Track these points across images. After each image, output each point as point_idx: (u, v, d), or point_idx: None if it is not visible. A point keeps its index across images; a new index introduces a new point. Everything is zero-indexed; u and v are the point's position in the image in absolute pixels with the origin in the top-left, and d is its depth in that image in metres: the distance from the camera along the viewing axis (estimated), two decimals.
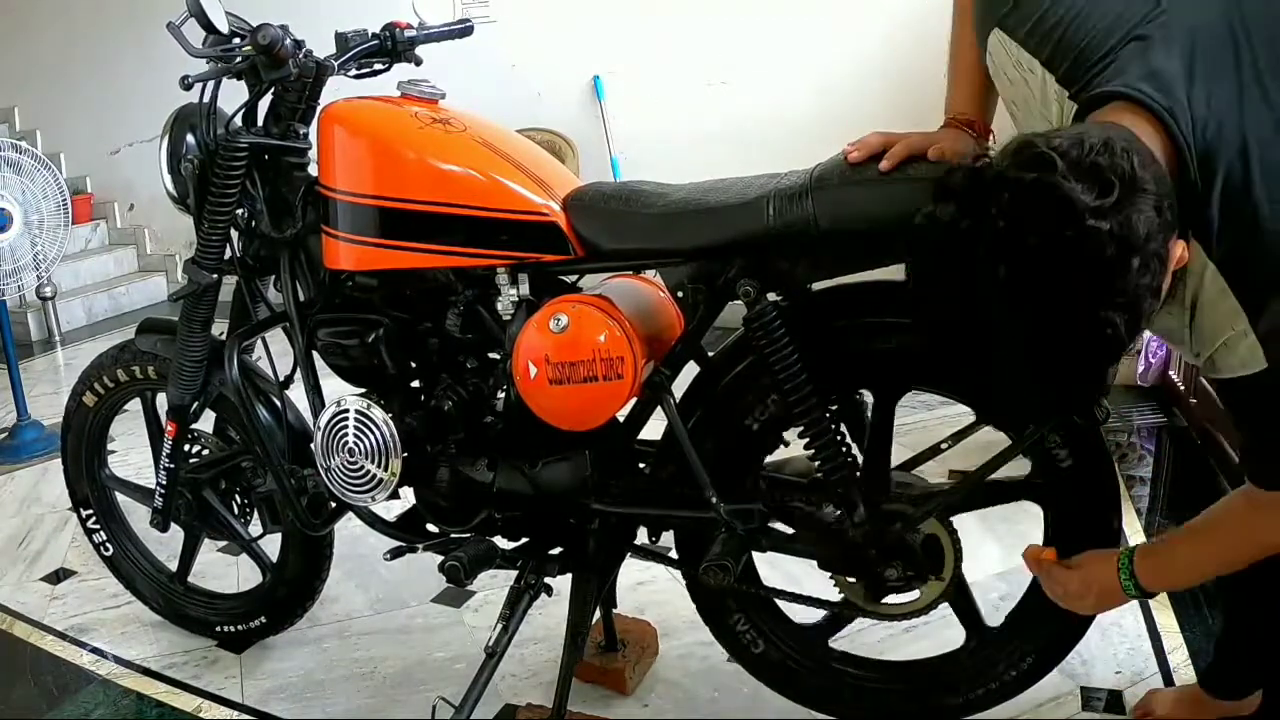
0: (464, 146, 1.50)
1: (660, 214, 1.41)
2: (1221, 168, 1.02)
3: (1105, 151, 0.93)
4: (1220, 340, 1.08)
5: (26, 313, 4.46)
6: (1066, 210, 0.91)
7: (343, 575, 2.20)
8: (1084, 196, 0.91)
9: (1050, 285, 0.93)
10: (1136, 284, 0.92)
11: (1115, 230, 0.91)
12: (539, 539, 1.63)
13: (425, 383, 1.61)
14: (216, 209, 1.63)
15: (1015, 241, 0.93)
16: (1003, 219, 0.93)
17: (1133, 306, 0.93)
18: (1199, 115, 1.02)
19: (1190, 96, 1.03)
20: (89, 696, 1.92)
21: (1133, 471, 2.62)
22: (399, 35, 1.67)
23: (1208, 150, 1.02)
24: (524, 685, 1.84)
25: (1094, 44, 1.10)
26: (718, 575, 1.43)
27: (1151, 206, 0.93)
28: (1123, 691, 1.74)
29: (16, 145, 3.15)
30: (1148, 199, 0.93)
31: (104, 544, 2.11)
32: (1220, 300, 1.06)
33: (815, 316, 1.43)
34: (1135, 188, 0.92)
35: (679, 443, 1.45)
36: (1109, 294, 0.92)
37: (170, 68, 1.60)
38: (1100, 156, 0.92)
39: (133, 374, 1.92)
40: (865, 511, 1.42)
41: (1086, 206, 0.90)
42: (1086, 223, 0.90)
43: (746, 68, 3.94)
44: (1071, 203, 0.91)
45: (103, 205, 5.35)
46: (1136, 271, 0.92)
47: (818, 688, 1.62)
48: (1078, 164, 0.92)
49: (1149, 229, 0.92)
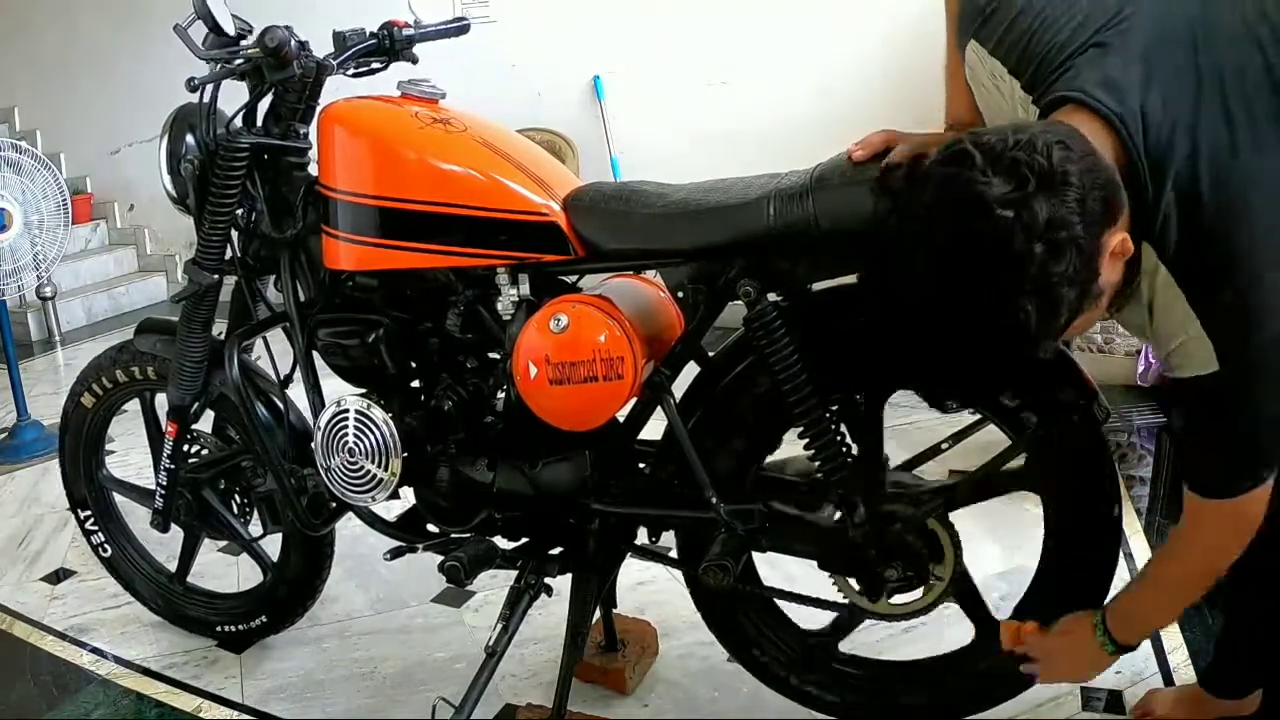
0: (464, 146, 1.50)
1: (660, 214, 1.41)
2: (1172, 171, 1.05)
3: (1025, 147, 0.97)
4: (1176, 342, 1.11)
5: (26, 313, 4.46)
6: (976, 202, 0.96)
7: (343, 575, 2.19)
8: (995, 189, 0.95)
9: (962, 274, 0.98)
10: (1049, 272, 0.96)
11: (1024, 220, 0.94)
12: (539, 539, 1.63)
13: (425, 383, 1.61)
14: (217, 209, 1.63)
15: (931, 232, 0.99)
16: (922, 211, 0.99)
17: (1044, 293, 0.97)
18: (1153, 121, 1.05)
19: (1145, 102, 1.06)
20: (89, 696, 1.92)
21: (1133, 471, 2.61)
22: (397, 34, 1.67)
23: (1160, 155, 1.05)
24: (524, 685, 1.84)
25: (1055, 51, 1.13)
26: (718, 575, 1.43)
27: (1074, 199, 0.96)
28: (1123, 691, 1.74)
29: (16, 145, 3.15)
30: (1068, 190, 0.96)
31: (102, 545, 2.10)
32: (1174, 303, 1.09)
33: (815, 316, 1.43)
34: (1052, 181, 0.96)
35: (679, 443, 1.45)
36: (1019, 281, 0.96)
37: (170, 68, 1.61)
38: (1019, 151, 0.96)
39: (132, 375, 1.92)
40: (865, 512, 1.42)
41: (994, 197, 0.95)
42: (995, 213, 0.95)
43: (746, 68, 3.94)
44: (980, 194, 0.95)
45: (103, 205, 5.35)
46: (1045, 259, 0.95)
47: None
48: (997, 159, 0.96)
49: (1062, 219, 0.95)
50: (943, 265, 0.99)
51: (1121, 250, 1.03)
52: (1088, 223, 0.97)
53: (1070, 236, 0.96)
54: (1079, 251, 0.97)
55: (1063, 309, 0.99)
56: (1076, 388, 1.37)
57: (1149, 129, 1.05)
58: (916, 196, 1.01)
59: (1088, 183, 0.97)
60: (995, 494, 1.50)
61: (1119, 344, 3.15)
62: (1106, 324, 3.14)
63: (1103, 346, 3.17)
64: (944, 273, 0.99)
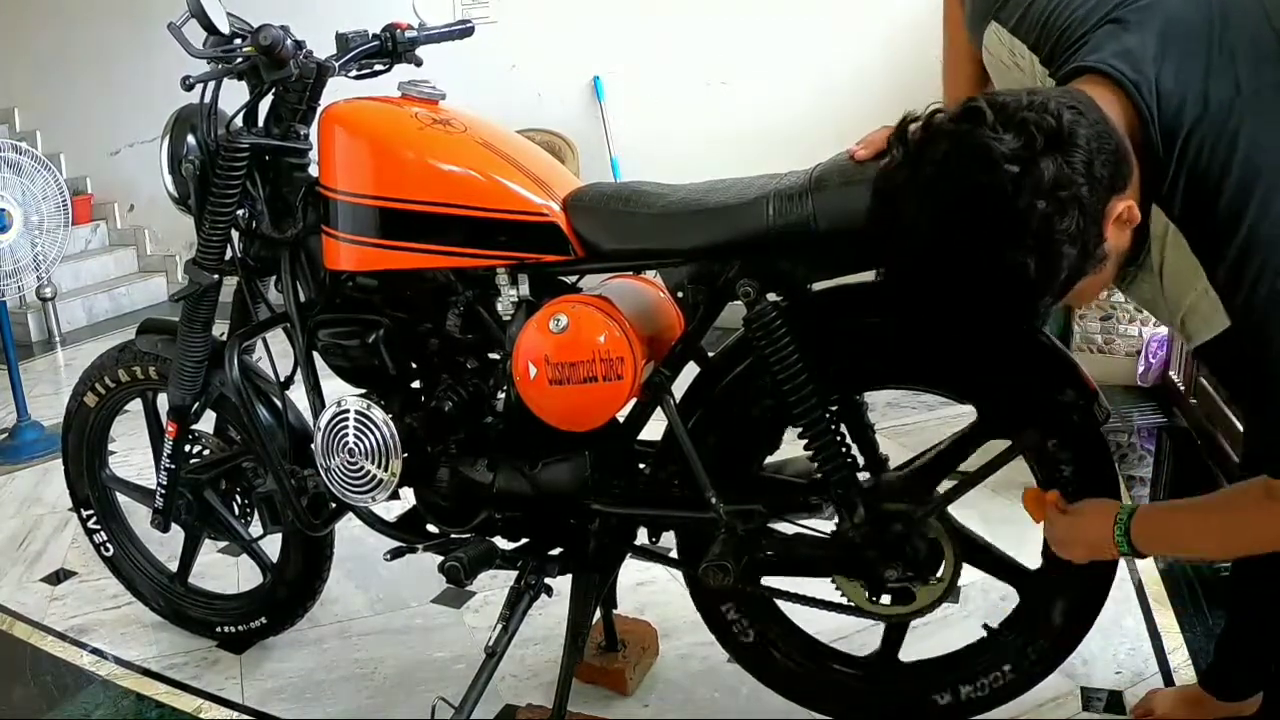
0: (464, 147, 1.50)
1: (660, 214, 1.41)
2: (1182, 135, 1.07)
3: (1038, 108, 0.99)
4: (1186, 302, 1.12)
5: (26, 313, 4.46)
6: (983, 156, 0.97)
7: (343, 575, 2.20)
8: (1003, 145, 0.97)
9: (966, 226, 0.99)
10: (1051, 229, 0.97)
11: (1030, 176, 0.96)
12: (539, 539, 1.63)
13: (425, 383, 1.61)
14: (217, 209, 1.63)
15: (938, 183, 1.00)
16: (931, 167, 1.01)
17: (1045, 250, 0.98)
18: (1166, 90, 1.07)
19: (1159, 73, 1.08)
20: (89, 697, 1.92)
21: (1133, 471, 2.62)
22: (399, 36, 1.67)
23: (1172, 121, 1.07)
24: (524, 685, 1.84)
25: (1075, 25, 1.16)
26: (718, 575, 1.43)
27: (1081, 160, 0.98)
28: (1123, 692, 1.74)
29: (16, 146, 3.15)
30: (1075, 152, 0.98)
31: (104, 544, 2.11)
32: (1183, 261, 1.10)
33: (815, 316, 1.43)
34: (1060, 141, 0.97)
35: (679, 443, 1.45)
36: (1020, 236, 0.97)
37: (170, 68, 1.60)
38: (1030, 111, 0.98)
39: (134, 374, 1.92)
40: (865, 512, 1.42)
41: (1002, 153, 0.96)
42: (1001, 167, 0.96)
43: (746, 68, 3.94)
44: (988, 149, 0.97)
45: (103, 206, 5.35)
46: (1047, 216, 0.96)
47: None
48: (1009, 117, 0.98)
49: (1067, 179, 0.97)
50: (948, 216, 1.00)
51: (1128, 217, 1.04)
52: (1093, 185, 0.99)
53: (1074, 195, 0.97)
54: (1082, 211, 0.98)
55: (1063, 266, 1.00)
56: (1076, 388, 1.37)
57: (1162, 96, 1.07)
58: (929, 148, 1.02)
59: (1095, 146, 0.99)
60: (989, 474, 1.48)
61: (1119, 344, 3.16)
62: (1107, 324, 3.14)
63: (1103, 347, 3.17)
64: (948, 224, 1.00)
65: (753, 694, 1.71)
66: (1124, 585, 2.00)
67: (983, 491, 1.52)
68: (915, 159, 1.03)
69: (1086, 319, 3.17)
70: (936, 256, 1.02)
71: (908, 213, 1.02)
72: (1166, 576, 2.05)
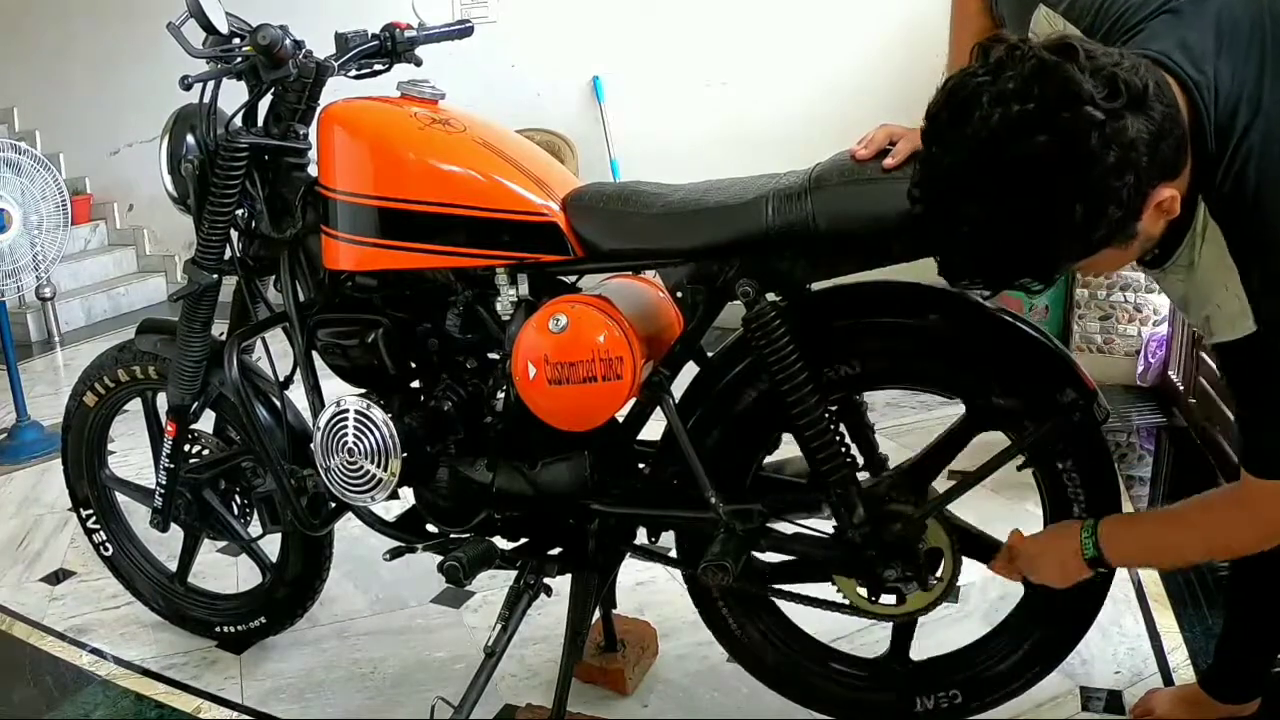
0: (464, 147, 1.50)
1: (660, 214, 1.41)
2: (1235, 138, 1.07)
3: (1129, 69, 0.99)
4: (1215, 299, 1.12)
5: (26, 313, 4.46)
6: (1070, 92, 0.96)
7: (343, 575, 2.20)
8: (1089, 88, 0.96)
9: (1031, 143, 0.97)
10: (1108, 181, 0.97)
11: (1106, 124, 0.96)
12: (538, 539, 1.63)
13: (425, 383, 1.61)
14: (216, 209, 1.63)
15: (1015, 100, 0.98)
16: (1013, 82, 0.98)
17: (1097, 199, 0.97)
18: (1223, 89, 1.07)
19: (1217, 71, 1.08)
20: (89, 697, 1.92)
21: (1132, 471, 2.62)
22: (399, 36, 1.67)
23: (1227, 123, 1.07)
24: (524, 685, 1.84)
25: (1130, 12, 1.16)
26: (717, 575, 1.43)
27: (1150, 131, 0.98)
28: (1122, 691, 1.74)
29: (16, 145, 3.15)
30: (1149, 122, 0.98)
31: (104, 544, 2.11)
32: (1219, 259, 1.10)
33: (815, 316, 1.43)
34: (1141, 104, 0.98)
35: (678, 443, 1.45)
36: (1080, 179, 0.97)
37: (170, 68, 1.60)
38: (1119, 69, 0.98)
39: (133, 374, 1.92)
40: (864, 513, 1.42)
41: (1089, 96, 0.96)
42: (1084, 109, 0.96)
43: (746, 69, 3.94)
44: (1078, 86, 0.96)
45: (102, 206, 5.35)
46: (1111, 169, 0.96)
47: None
48: (1099, 67, 0.98)
49: (1136, 141, 0.97)
50: (1017, 126, 0.97)
51: (1169, 207, 1.03)
52: (1153, 160, 0.99)
53: (1136, 160, 0.97)
54: (1137, 180, 0.98)
55: (1102, 225, 0.99)
56: (1076, 388, 1.37)
57: (1219, 96, 1.07)
58: (1015, 63, 1.00)
59: (1167, 128, 1.00)
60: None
61: (1118, 344, 3.16)
62: (1106, 323, 3.14)
63: (1102, 346, 3.17)
64: (1016, 132, 0.97)
65: (752, 694, 1.71)
66: (1124, 585, 2.00)
67: (982, 491, 1.52)
68: (998, 67, 1.01)
69: (1086, 319, 3.17)
70: (990, 165, 0.99)
71: (976, 112, 0.99)
72: (1166, 577, 2.05)
